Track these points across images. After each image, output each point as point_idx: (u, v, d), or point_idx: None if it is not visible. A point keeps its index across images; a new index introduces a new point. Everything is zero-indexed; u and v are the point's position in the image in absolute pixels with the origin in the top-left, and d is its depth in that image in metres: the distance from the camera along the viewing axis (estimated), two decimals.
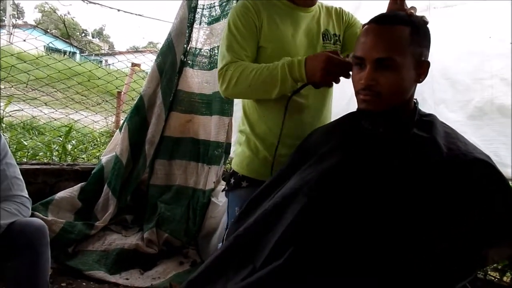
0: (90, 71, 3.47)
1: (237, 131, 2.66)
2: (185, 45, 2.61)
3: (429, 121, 0.90)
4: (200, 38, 2.69)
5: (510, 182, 0.86)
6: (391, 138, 0.89)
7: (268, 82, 1.13)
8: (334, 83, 1.11)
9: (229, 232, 1.03)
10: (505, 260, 1.37)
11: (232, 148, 2.49)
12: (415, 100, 0.94)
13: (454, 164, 0.78)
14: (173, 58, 2.48)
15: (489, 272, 1.47)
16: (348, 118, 1.05)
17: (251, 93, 1.20)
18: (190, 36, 2.64)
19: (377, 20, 0.89)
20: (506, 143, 1.32)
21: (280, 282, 0.79)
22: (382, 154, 0.87)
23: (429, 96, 1.52)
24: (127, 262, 1.98)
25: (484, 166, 0.77)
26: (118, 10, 2.62)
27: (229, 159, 2.61)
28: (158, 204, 2.29)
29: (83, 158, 3.36)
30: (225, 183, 2.43)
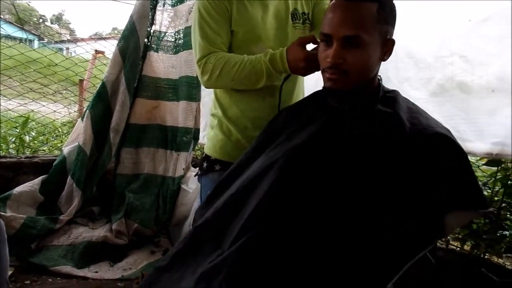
0: (47, 57, 3.26)
1: (208, 115, 2.63)
2: (149, 28, 2.50)
3: (393, 97, 0.91)
4: (164, 20, 2.60)
5: (468, 155, 0.89)
6: (357, 115, 0.89)
7: (252, 75, 1.14)
8: None
9: (197, 217, 1.02)
10: (465, 229, 1.44)
11: (201, 134, 2.45)
12: (379, 77, 0.95)
13: (416, 138, 0.79)
14: (136, 42, 2.38)
15: (450, 242, 1.54)
16: (314, 97, 1.04)
17: (233, 85, 1.20)
18: (153, 19, 2.54)
19: None
20: (466, 118, 1.36)
21: (244, 261, 0.78)
22: (348, 131, 0.88)
23: (393, 75, 1.53)
24: (96, 255, 1.92)
25: (444, 140, 0.79)
26: None
27: (198, 145, 2.57)
28: (126, 194, 2.22)
29: (44, 150, 3.20)
30: (195, 169, 2.42)
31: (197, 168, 2.44)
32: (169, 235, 2.22)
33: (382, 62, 0.95)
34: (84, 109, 2.47)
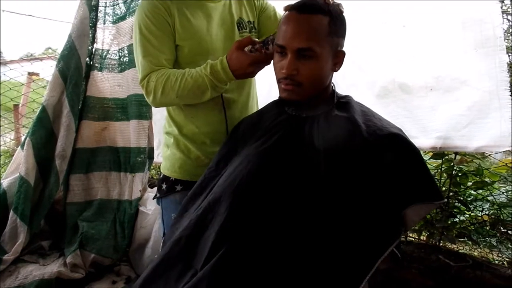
0: None
1: (161, 133, 2.56)
2: (90, 47, 2.40)
3: (346, 102, 0.95)
4: (106, 38, 2.50)
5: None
6: (315, 121, 0.91)
7: (195, 89, 1.09)
8: None
9: (166, 238, 0.98)
10: (421, 221, 1.53)
11: (156, 152, 2.38)
12: (332, 84, 0.99)
13: (372, 139, 0.84)
14: (77, 62, 2.27)
15: (409, 234, 1.63)
16: (271, 106, 1.06)
17: (179, 101, 1.15)
18: (94, 37, 2.44)
19: (298, 8, 0.90)
20: (409, 117, 1.47)
21: (221, 279, 0.77)
22: (308, 136, 0.90)
23: (340, 81, 1.61)
24: None
25: (398, 139, 0.84)
26: (3, 11, 2.28)
27: (153, 164, 2.49)
28: (79, 223, 2.08)
29: None
30: (152, 189, 2.34)
31: (154, 189, 2.38)
32: (130, 262, 2.11)
33: None
34: (23, 137, 2.28)
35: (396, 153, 0.82)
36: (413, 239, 1.60)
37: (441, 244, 1.53)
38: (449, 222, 1.50)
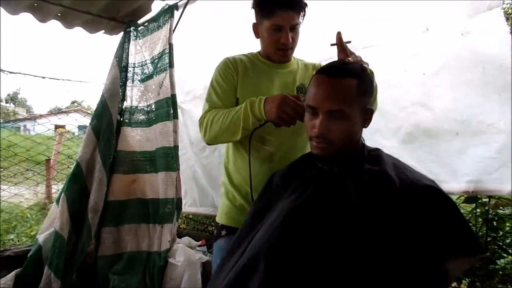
0: (5, 139, 3.13)
1: (186, 182, 2.61)
2: (120, 104, 2.55)
3: (377, 155, 0.98)
4: (134, 95, 2.66)
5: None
6: (347, 175, 0.94)
7: (234, 121, 1.22)
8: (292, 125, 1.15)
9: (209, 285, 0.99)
10: None
11: (183, 201, 2.43)
12: (362, 139, 1.02)
13: (407, 192, 0.85)
14: (109, 119, 2.41)
15: None
16: (303, 159, 1.10)
17: (222, 134, 1.28)
18: (124, 95, 2.60)
19: (328, 72, 0.96)
20: (437, 161, 1.47)
21: None
22: (340, 191, 0.92)
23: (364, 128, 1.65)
24: None
25: (433, 191, 0.85)
26: (43, 78, 2.48)
27: (182, 214, 2.53)
28: (110, 277, 2.10)
29: (12, 239, 3.00)
30: (180, 239, 2.36)
31: (183, 239, 2.40)
32: None
33: None
34: (59, 191, 2.38)
35: (432, 206, 0.82)
36: (453, 287, 1.53)
37: None
38: (490, 268, 1.44)
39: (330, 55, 1.43)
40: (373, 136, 1.63)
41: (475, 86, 1.37)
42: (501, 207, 1.43)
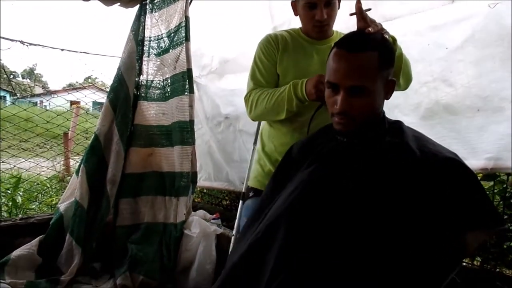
0: (26, 110, 3.18)
1: (201, 157, 2.64)
2: (137, 78, 2.56)
3: (398, 127, 0.97)
4: (150, 69, 2.66)
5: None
6: (367, 148, 0.94)
7: (278, 103, 1.28)
8: None
9: (227, 263, 1.02)
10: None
11: (198, 175, 2.46)
12: (383, 110, 1.01)
13: (428, 164, 0.84)
14: (125, 93, 2.43)
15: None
16: (323, 131, 1.09)
17: (267, 114, 1.36)
18: (140, 69, 2.60)
19: (347, 46, 0.93)
20: (457, 138, 1.45)
21: None
22: (361, 163, 0.92)
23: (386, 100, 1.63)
24: None
25: (455, 164, 0.84)
26: (62, 50, 2.50)
27: (197, 189, 2.57)
28: (128, 246, 2.17)
29: (34, 209, 3.11)
30: (195, 212, 2.41)
31: (198, 212, 2.45)
32: (175, 283, 2.16)
33: None
34: (78, 163, 2.44)
35: (453, 178, 0.82)
36: (467, 263, 1.54)
37: (497, 270, 1.46)
38: (505, 246, 1.44)
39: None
40: (392, 111, 1.61)
41: (500, 60, 1.33)
42: None
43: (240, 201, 1.90)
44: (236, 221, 1.89)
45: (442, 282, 0.77)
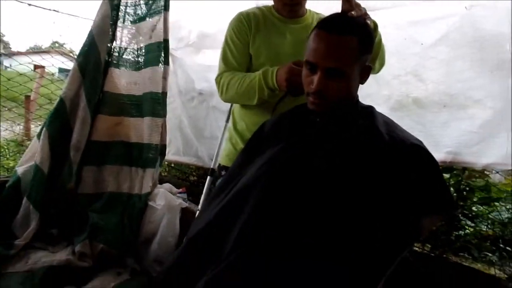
0: None
1: (172, 131, 2.60)
2: (109, 44, 2.46)
3: (370, 112, 1.00)
4: (124, 37, 2.56)
5: None
6: (339, 129, 0.96)
7: (248, 90, 1.26)
8: None
9: (192, 228, 1.03)
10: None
11: (167, 149, 2.43)
12: (356, 95, 1.04)
13: (395, 149, 0.88)
14: (96, 58, 2.32)
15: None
16: (296, 111, 1.11)
17: (238, 99, 1.36)
18: (114, 35, 2.49)
19: (328, 28, 0.94)
20: (423, 131, 1.52)
21: (246, 266, 0.82)
22: (332, 143, 0.95)
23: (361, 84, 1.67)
24: (58, 280, 1.79)
25: (419, 150, 0.89)
26: (29, 5, 2.33)
27: (164, 162, 2.54)
28: (89, 214, 2.12)
29: None
30: (161, 185, 2.39)
31: (164, 185, 2.42)
32: (136, 255, 2.14)
33: None
34: (40, 127, 2.33)
35: (417, 163, 0.86)
36: (417, 248, 1.64)
37: (444, 256, 1.57)
38: (454, 234, 1.55)
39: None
40: (364, 100, 1.64)
41: (470, 61, 1.40)
42: (473, 179, 1.51)
43: (208, 177, 1.91)
44: (203, 196, 1.90)
45: (397, 257, 0.81)
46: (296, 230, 0.87)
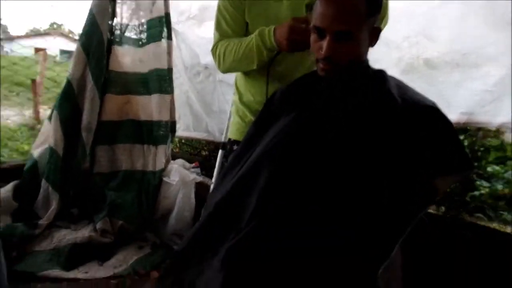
0: None
1: (181, 107, 2.61)
2: (110, 22, 2.42)
3: (381, 76, 0.98)
4: (124, 13, 2.52)
5: None
6: (350, 94, 0.95)
7: (247, 54, 1.21)
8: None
9: (209, 198, 1.05)
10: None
11: (177, 125, 2.44)
12: (367, 59, 1.02)
13: (408, 111, 0.87)
14: (99, 37, 2.30)
15: None
16: (306, 78, 1.09)
17: (236, 66, 1.31)
18: (114, 12, 2.45)
19: None
20: (435, 93, 1.48)
21: (264, 235, 0.84)
22: (343, 108, 0.94)
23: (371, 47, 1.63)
24: (83, 256, 1.88)
25: (433, 111, 0.88)
26: None
27: (176, 137, 2.56)
28: (106, 192, 2.17)
29: (3, 156, 3.02)
30: (174, 161, 2.42)
31: (177, 160, 2.45)
32: (155, 229, 2.21)
33: None
34: (50, 110, 2.35)
35: (431, 124, 0.86)
36: (432, 211, 1.66)
37: (459, 216, 1.58)
38: (469, 195, 1.55)
39: None
40: (374, 64, 1.61)
41: (484, 16, 1.35)
42: (489, 138, 1.50)
43: (220, 151, 1.92)
44: (215, 170, 1.92)
45: (413, 219, 0.83)
46: (307, 198, 0.89)
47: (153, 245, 2.07)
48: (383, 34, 1.55)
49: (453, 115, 1.44)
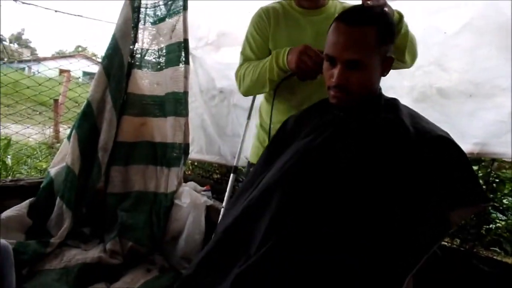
0: (17, 81, 3.09)
1: (195, 130, 2.64)
2: (131, 46, 2.52)
3: (394, 104, 0.99)
4: (145, 38, 2.62)
5: None
6: (363, 122, 0.96)
7: (262, 73, 1.26)
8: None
9: (219, 225, 1.05)
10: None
11: (190, 148, 2.47)
12: (379, 87, 1.03)
13: (421, 141, 0.87)
14: (120, 60, 2.39)
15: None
16: (319, 106, 1.11)
17: (254, 87, 1.34)
18: (135, 37, 2.56)
19: (346, 20, 0.94)
20: (448, 122, 1.48)
21: (273, 262, 0.83)
22: (355, 138, 0.95)
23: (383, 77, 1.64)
24: (91, 277, 1.87)
25: (446, 142, 0.88)
26: (56, 11, 2.42)
27: (189, 159, 2.58)
28: (118, 213, 2.19)
29: (22, 173, 3.10)
30: (186, 184, 2.43)
31: (189, 183, 2.46)
32: (164, 252, 2.20)
33: None
34: (70, 129, 2.42)
35: (444, 155, 0.85)
36: (446, 243, 1.61)
37: (474, 250, 1.53)
38: (484, 228, 1.51)
39: None
40: (386, 93, 1.61)
41: (496, 48, 1.36)
42: (503, 170, 1.47)
43: (231, 174, 1.93)
44: (226, 194, 1.93)
45: (426, 253, 0.81)
46: (318, 226, 0.88)
47: (161, 268, 2.05)
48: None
49: (467, 145, 1.42)
